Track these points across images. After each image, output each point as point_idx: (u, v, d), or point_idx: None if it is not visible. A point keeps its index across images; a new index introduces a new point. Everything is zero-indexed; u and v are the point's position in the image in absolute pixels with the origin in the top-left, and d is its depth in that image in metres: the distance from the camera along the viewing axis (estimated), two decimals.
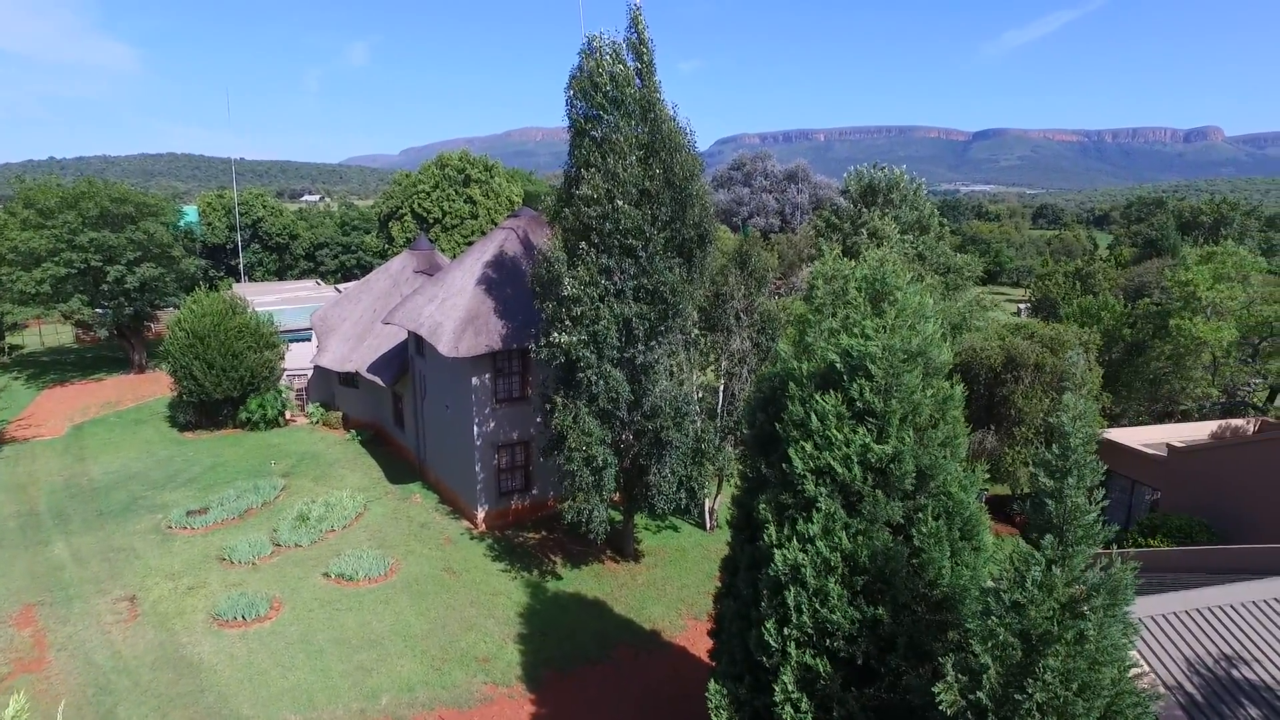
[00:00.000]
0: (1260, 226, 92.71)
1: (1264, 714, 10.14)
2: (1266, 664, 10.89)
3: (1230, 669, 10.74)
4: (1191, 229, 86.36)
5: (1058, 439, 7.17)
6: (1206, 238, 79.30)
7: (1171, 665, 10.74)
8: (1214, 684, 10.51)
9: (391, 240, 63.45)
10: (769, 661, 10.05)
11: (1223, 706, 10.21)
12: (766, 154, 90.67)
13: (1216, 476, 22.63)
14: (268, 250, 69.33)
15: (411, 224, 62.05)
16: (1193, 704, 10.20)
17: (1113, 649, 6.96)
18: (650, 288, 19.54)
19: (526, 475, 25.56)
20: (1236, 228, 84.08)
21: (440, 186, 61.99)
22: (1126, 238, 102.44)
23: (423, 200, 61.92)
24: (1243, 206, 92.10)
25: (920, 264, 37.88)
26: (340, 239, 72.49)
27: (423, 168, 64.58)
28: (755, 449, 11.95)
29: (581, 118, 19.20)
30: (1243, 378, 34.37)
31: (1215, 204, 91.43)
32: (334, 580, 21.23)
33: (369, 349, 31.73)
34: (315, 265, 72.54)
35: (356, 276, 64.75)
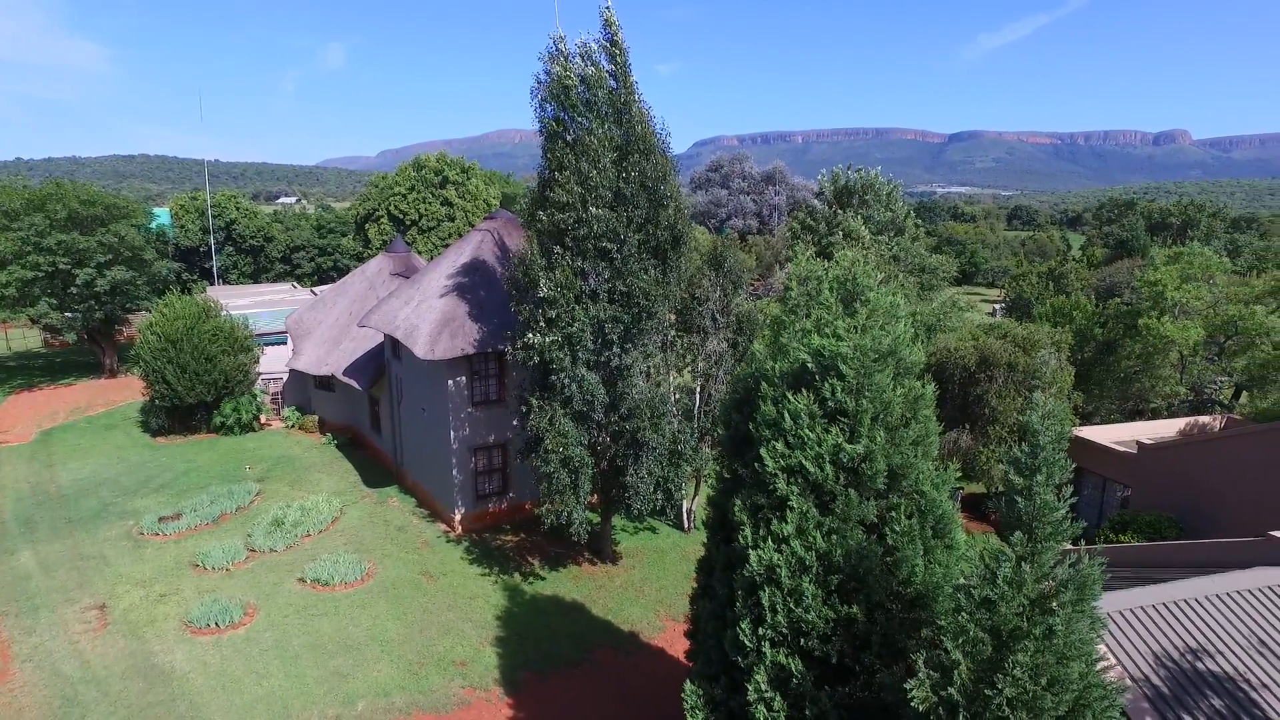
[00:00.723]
0: (1226, 228, 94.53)
1: (1227, 705, 10.33)
2: (1230, 656, 11.09)
3: (1195, 661, 10.93)
4: (1160, 230, 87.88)
5: (1027, 437, 7.27)
6: (1175, 239, 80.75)
7: (1138, 658, 10.91)
8: (1179, 676, 10.69)
9: (368, 243, 63.08)
10: (744, 661, 10.08)
11: (1187, 698, 10.39)
12: (744, 156, 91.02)
13: (1184, 473, 23.02)
14: (242, 253, 68.57)
15: (388, 226, 61.71)
16: (1159, 696, 10.36)
17: (1080, 643, 7.06)
18: (625, 290, 19.55)
19: (504, 478, 25.47)
20: (1203, 229, 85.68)
21: (417, 189, 61.71)
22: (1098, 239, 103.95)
23: (399, 202, 61.61)
24: (1209, 208, 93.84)
25: (895, 265, 38.16)
26: (316, 241, 71.86)
27: (400, 170, 64.26)
28: (730, 449, 11.99)
29: (553, 121, 19.18)
30: (1209, 376, 34.99)
31: (1183, 206, 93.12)
32: (310, 585, 21.02)
33: (345, 352, 31.48)
34: (291, 268, 71.85)
35: (333, 279, 64.25)
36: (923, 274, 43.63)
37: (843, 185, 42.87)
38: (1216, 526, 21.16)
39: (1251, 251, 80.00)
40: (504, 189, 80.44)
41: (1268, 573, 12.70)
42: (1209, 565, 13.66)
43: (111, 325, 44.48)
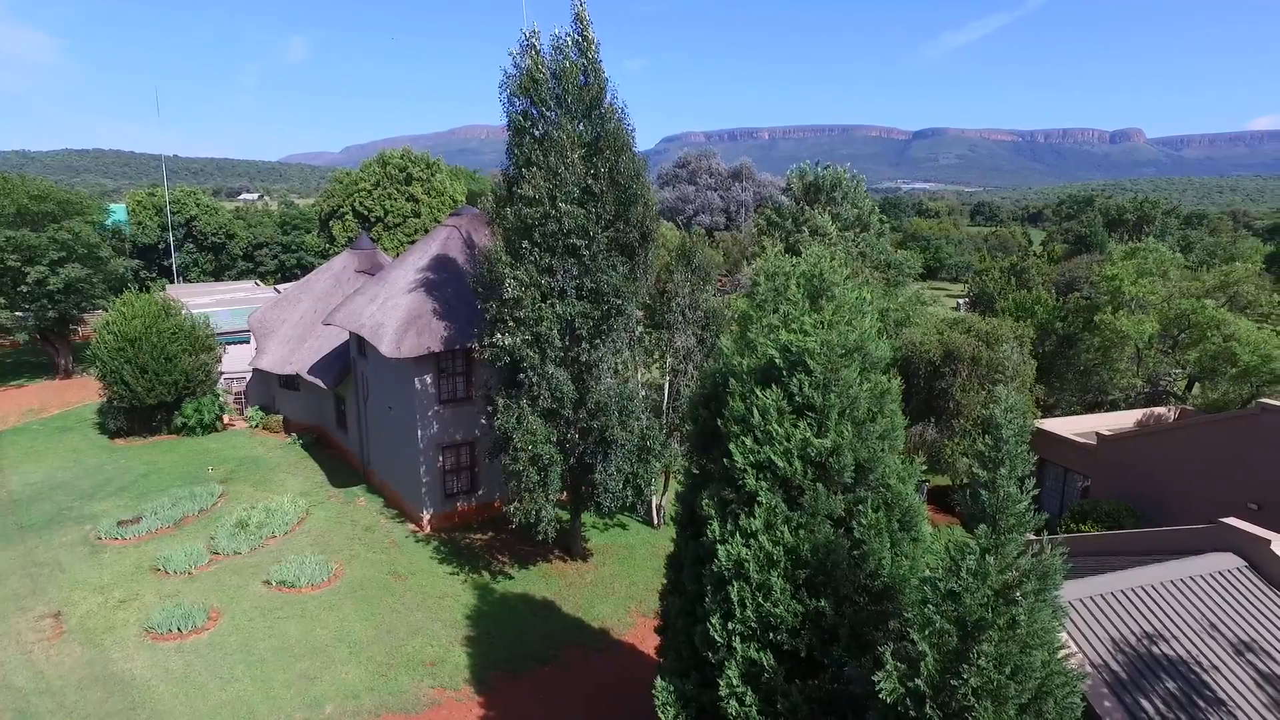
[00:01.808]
0: (1178, 225, 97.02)
1: (1180, 687, 10.62)
2: (1183, 640, 11.40)
3: (1151, 646, 11.21)
4: (1117, 226, 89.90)
5: (991, 431, 7.38)
6: (1131, 235, 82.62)
7: (1098, 645, 11.16)
8: (1136, 661, 10.96)
9: (333, 239, 62.17)
10: (714, 656, 10.13)
11: (1144, 682, 10.65)
12: (711, 152, 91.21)
13: (1141, 463, 23.58)
14: (203, 250, 67.26)
15: (353, 223, 60.88)
16: (1117, 682, 10.61)
17: (1043, 632, 7.19)
18: (593, 287, 19.50)
19: (472, 476, 25.30)
20: (1158, 225, 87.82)
21: (382, 185, 60.97)
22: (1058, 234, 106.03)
23: (364, 199, 60.82)
24: (1163, 205, 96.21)
25: (861, 261, 38.54)
26: (280, 238, 70.73)
27: (364, 166, 63.41)
28: (699, 445, 12.03)
29: (520, 116, 19.05)
30: (1164, 368, 35.86)
31: (1138, 203, 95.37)
32: (275, 588, 20.70)
33: (310, 351, 31.03)
34: (254, 265, 70.65)
35: (297, 277, 63.26)
36: (888, 269, 44.10)
37: (810, 181, 43.21)
38: (1171, 514, 21.71)
39: (1202, 247, 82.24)
40: (470, 185, 79.82)
41: (1218, 558, 13.06)
42: (1164, 552, 14.01)
43: (66, 325, 43.32)
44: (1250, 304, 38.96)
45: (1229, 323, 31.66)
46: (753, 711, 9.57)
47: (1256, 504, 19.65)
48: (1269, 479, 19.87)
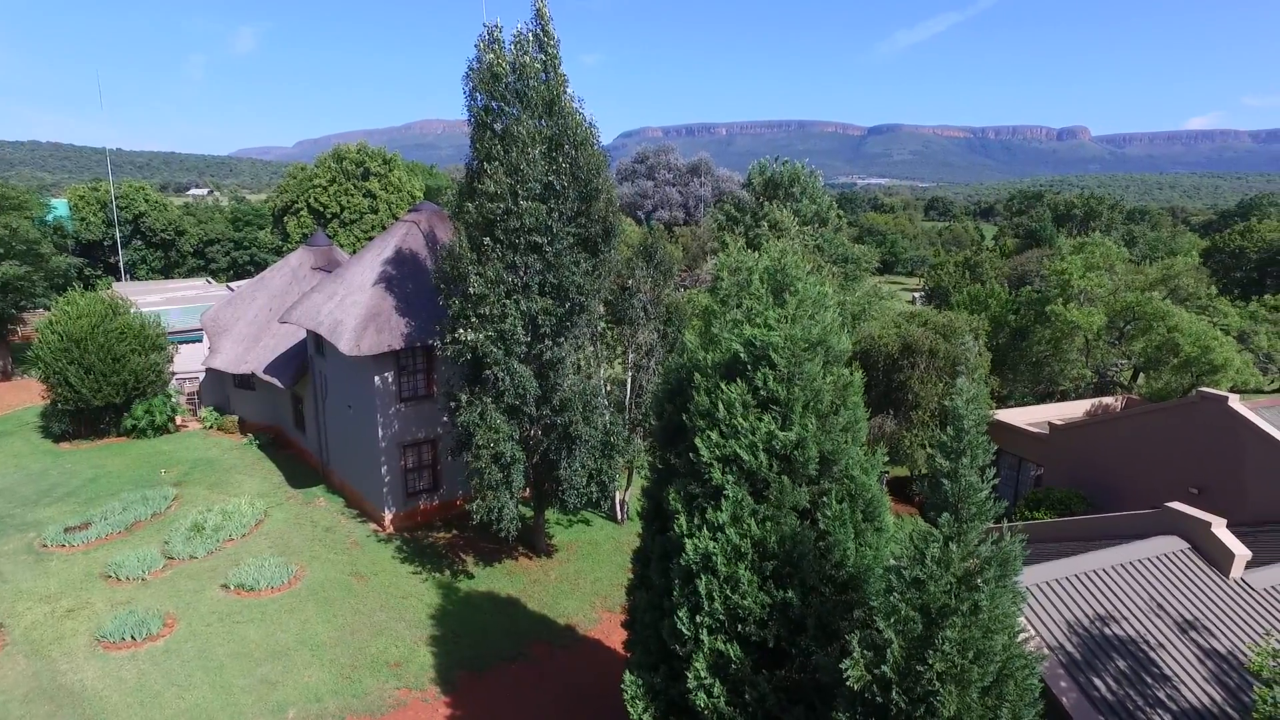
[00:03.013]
0: (1123, 220, 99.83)
1: (1130, 665, 11.00)
2: (1132, 620, 11.80)
3: (1103, 627, 11.58)
4: (1065, 221, 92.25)
5: (952, 421, 7.55)
6: (1078, 229, 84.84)
7: (1054, 628, 11.50)
8: (1089, 642, 11.32)
9: (287, 236, 60.95)
10: (682, 649, 10.21)
11: (1096, 662, 11.01)
12: (669, 147, 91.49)
13: (1090, 451, 24.29)
14: (151, 247, 65.35)
15: (308, 219, 59.76)
16: (1072, 662, 10.94)
17: (1004, 617, 7.40)
18: (556, 283, 19.45)
19: (434, 474, 25.07)
20: (1104, 221, 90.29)
21: (338, 180, 59.92)
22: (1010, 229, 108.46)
23: (320, 194, 59.71)
24: (1108, 201, 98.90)
25: (820, 255, 39.02)
26: (232, 235, 69.06)
27: (319, 160, 62.24)
28: (664, 440, 12.09)
29: (482, 110, 18.91)
30: (1111, 359, 36.97)
31: (1085, 198, 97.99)
32: (234, 591, 20.28)
33: (266, 349, 30.41)
34: (205, 263, 68.91)
35: (250, 274, 61.91)
36: (846, 264, 44.70)
37: (770, 177, 43.55)
38: (1120, 500, 22.39)
39: (1145, 242, 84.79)
40: (428, 181, 78.86)
41: (1163, 541, 13.55)
42: (1114, 537, 14.47)
43: (4, 324, 41.78)
44: (1190, 296, 40.40)
45: (1172, 314, 32.75)
46: (721, 703, 9.68)
47: (1197, 488, 20.37)
48: (1208, 464, 20.62)
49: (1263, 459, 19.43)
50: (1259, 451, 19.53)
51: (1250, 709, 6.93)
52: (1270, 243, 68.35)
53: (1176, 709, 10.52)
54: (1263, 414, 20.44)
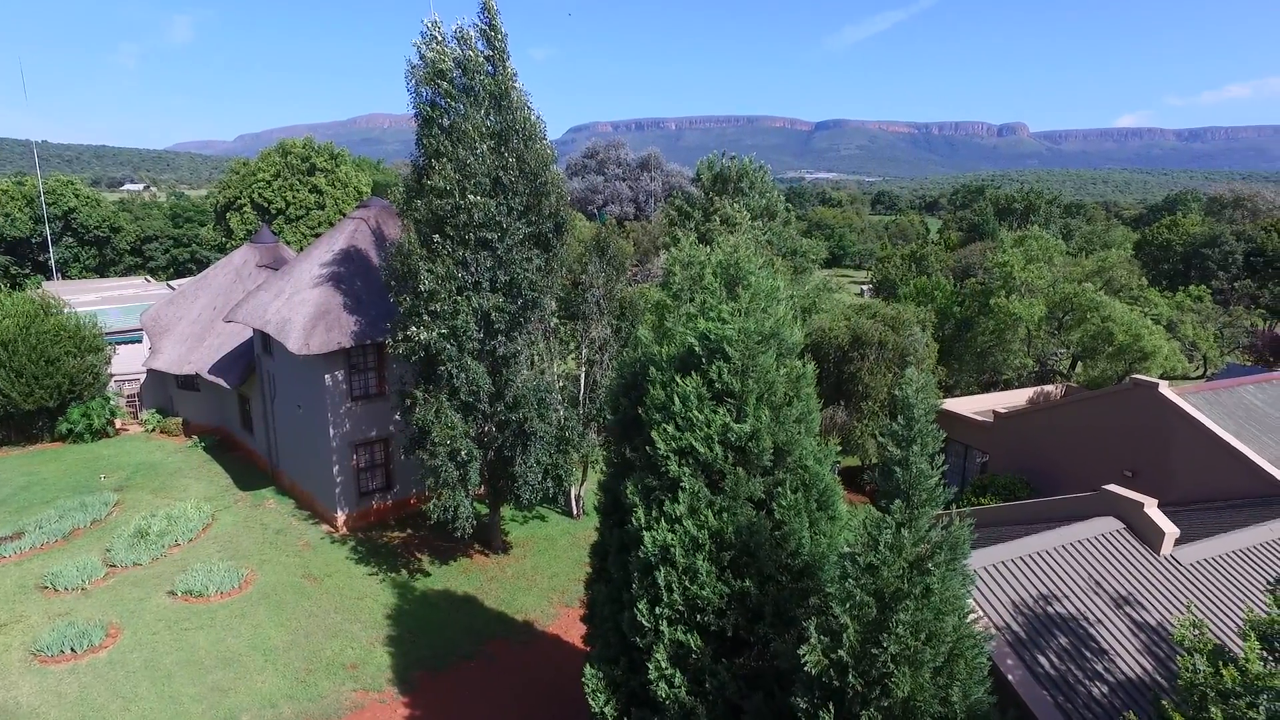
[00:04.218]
0: (1060, 214, 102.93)
1: (1071, 642, 11.47)
2: (1073, 599, 12.30)
3: (1046, 606, 12.04)
4: (1007, 215, 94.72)
5: (902, 411, 7.78)
6: (1019, 223, 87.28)
7: (1000, 608, 11.91)
8: (1034, 621, 11.76)
9: (231, 233, 59.30)
10: (642, 641, 10.31)
11: (1041, 640, 11.45)
12: (619, 142, 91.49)
13: (1033, 437, 25.10)
14: (84, 244, 63.09)
15: (252, 215, 58.25)
16: (1018, 641, 11.36)
17: (954, 599, 7.66)
18: (508, 279, 19.38)
19: (387, 473, 24.77)
20: (1042, 215, 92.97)
21: (283, 175, 58.52)
22: (954, 222, 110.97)
23: (264, 190, 58.23)
24: (1046, 195, 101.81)
25: (770, 249, 39.45)
26: (171, 231, 67.10)
27: (262, 155, 60.69)
28: (619, 434, 12.17)
29: (428, 106, 18.71)
30: (1051, 348, 38.22)
31: (1025, 193, 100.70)
32: (181, 598, 19.77)
33: (210, 349, 29.65)
34: (143, 260, 66.81)
35: (192, 272, 60.22)
36: (795, 257, 45.27)
37: (719, 172, 43.81)
38: (1061, 484, 23.18)
39: (1081, 235, 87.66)
40: (376, 176, 77.58)
41: (1101, 522, 14.11)
42: (1055, 519, 15.02)
43: None
44: (1123, 287, 41.96)
45: (1106, 305, 33.99)
46: (682, 693, 9.81)
47: (1131, 471, 21.21)
48: (1141, 447, 21.48)
49: (1189, 442, 20.34)
50: (1186, 435, 20.43)
51: (1176, 676, 7.32)
52: (1194, 236, 71.29)
53: (1113, 680, 11.01)
54: (1189, 399, 21.38)
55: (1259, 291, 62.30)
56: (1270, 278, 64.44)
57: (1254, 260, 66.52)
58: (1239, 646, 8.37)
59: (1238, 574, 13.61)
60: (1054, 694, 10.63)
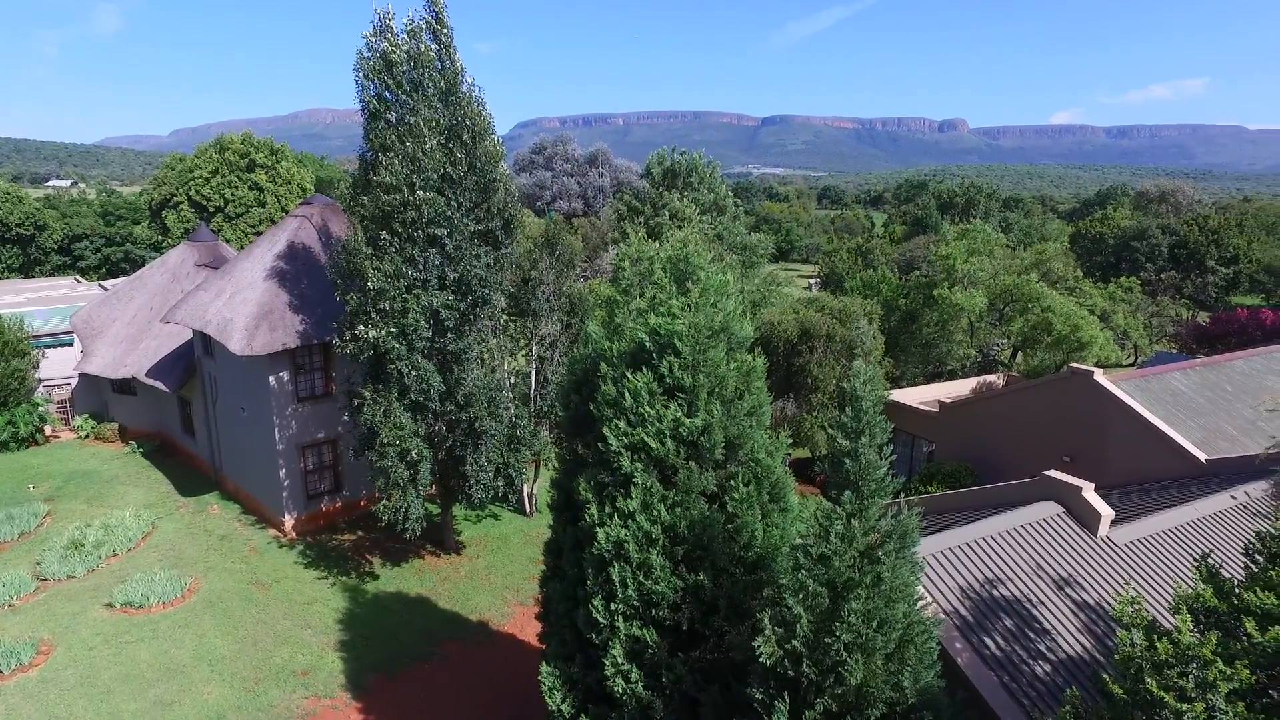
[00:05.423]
0: (999, 208, 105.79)
1: (1015, 624, 11.83)
2: (1017, 582, 12.68)
3: (992, 590, 12.39)
4: (949, 209, 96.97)
5: (851, 403, 7.90)
6: (960, 217, 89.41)
7: (948, 593, 12.21)
8: (981, 605, 12.09)
9: (167, 231, 57.38)
10: (598, 638, 10.31)
11: (986, 623, 11.78)
12: (567, 138, 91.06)
13: (976, 426, 25.79)
14: (6, 243, 60.40)
15: (189, 213, 56.41)
16: (966, 625, 11.67)
17: (904, 587, 7.83)
18: (457, 276, 19.16)
19: (336, 475, 24.31)
20: (982, 208, 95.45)
21: (221, 172, 56.78)
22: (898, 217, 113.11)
23: (201, 187, 56.42)
24: (986, 190, 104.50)
25: (719, 244, 39.72)
26: (102, 230, 64.64)
27: (200, 151, 58.79)
28: (571, 431, 12.13)
29: (375, 100, 18.37)
30: (992, 339, 39.30)
31: (966, 187, 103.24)
32: (120, 610, 19.09)
33: (147, 352, 28.68)
34: (72, 260, 64.26)
35: (126, 272, 58.16)
36: (744, 252, 45.67)
37: (668, 167, 43.93)
38: (1004, 471, 23.86)
39: (1019, 229, 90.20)
40: (319, 172, 75.93)
41: (1042, 507, 14.58)
42: (999, 505, 15.46)
43: None
44: (1059, 279, 43.35)
45: (1045, 296, 35.07)
46: (638, 688, 9.84)
47: (1070, 456, 21.95)
48: (1079, 433, 22.25)
49: (1123, 427, 21.14)
50: (1119, 420, 21.23)
51: (1114, 652, 7.60)
52: (1124, 230, 73.99)
53: (1055, 659, 11.39)
54: (1122, 386, 22.20)
55: (1183, 282, 64.98)
56: (1192, 269, 67.26)
57: (1178, 253, 69.34)
58: (1171, 620, 8.73)
59: (1168, 552, 14.20)
60: (1000, 674, 10.96)
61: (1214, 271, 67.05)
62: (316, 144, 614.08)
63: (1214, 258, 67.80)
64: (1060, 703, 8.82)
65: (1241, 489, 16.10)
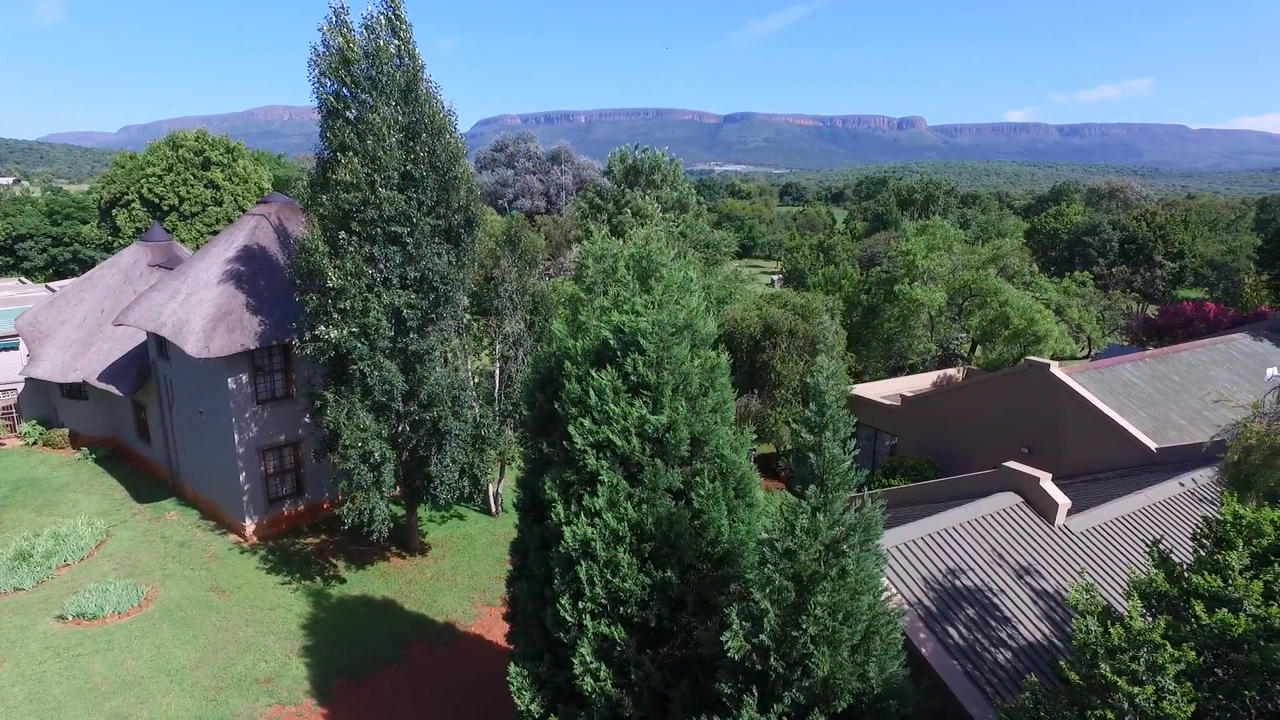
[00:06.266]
0: (957, 204, 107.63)
1: (977, 612, 12.07)
2: (977, 571, 12.93)
3: (954, 580, 12.62)
4: (908, 205, 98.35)
5: (814, 398, 7.99)
6: (920, 213, 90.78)
7: (912, 584, 12.41)
8: (944, 595, 12.31)
9: (118, 231, 55.77)
10: (566, 637, 10.30)
11: (949, 612, 12.00)
12: (529, 135, 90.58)
13: (938, 419, 26.22)
14: None
15: (142, 212, 54.90)
16: (929, 615, 11.87)
17: (868, 579, 7.94)
18: (419, 275, 18.96)
19: (298, 478, 23.92)
20: (941, 204, 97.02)
21: (175, 169, 55.33)
22: (859, 213, 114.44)
23: (154, 185, 54.92)
24: (944, 186, 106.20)
25: (683, 241, 39.82)
26: (48, 229, 62.67)
27: (152, 148, 57.20)
28: (536, 429, 12.09)
29: (333, 97, 18.08)
30: (952, 333, 39.96)
31: (925, 184, 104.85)
32: (72, 622, 18.56)
33: (99, 355, 27.91)
34: (16, 260, 62.23)
35: (74, 273, 56.53)
36: (707, 249, 45.84)
37: (630, 165, 43.92)
38: (965, 462, 24.31)
39: (977, 224, 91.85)
40: (277, 171, 74.46)
41: (1002, 498, 14.88)
42: (960, 497, 15.75)
43: None
44: (1016, 274, 44.21)
45: (1003, 290, 35.75)
46: (607, 686, 9.84)
47: (1028, 447, 22.43)
48: (1036, 425, 22.75)
49: (1078, 418, 21.66)
50: (1075, 411, 21.75)
51: (1071, 638, 7.81)
52: (1077, 225, 75.77)
53: (1016, 646, 11.65)
54: (1077, 378, 22.74)
55: (1133, 277, 66.75)
56: (1141, 264, 69.13)
57: (1128, 248, 71.20)
58: (1124, 606, 8.99)
59: (1121, 538, 14.60)
60: (963, 663, 11.17)
61: (1161, 266, 68.97)
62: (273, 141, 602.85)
63: (1161, 253, 69.74)
64: (1020, 689, 9.02)
65: (1189, 476, 16.62)
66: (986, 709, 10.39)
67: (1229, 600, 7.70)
